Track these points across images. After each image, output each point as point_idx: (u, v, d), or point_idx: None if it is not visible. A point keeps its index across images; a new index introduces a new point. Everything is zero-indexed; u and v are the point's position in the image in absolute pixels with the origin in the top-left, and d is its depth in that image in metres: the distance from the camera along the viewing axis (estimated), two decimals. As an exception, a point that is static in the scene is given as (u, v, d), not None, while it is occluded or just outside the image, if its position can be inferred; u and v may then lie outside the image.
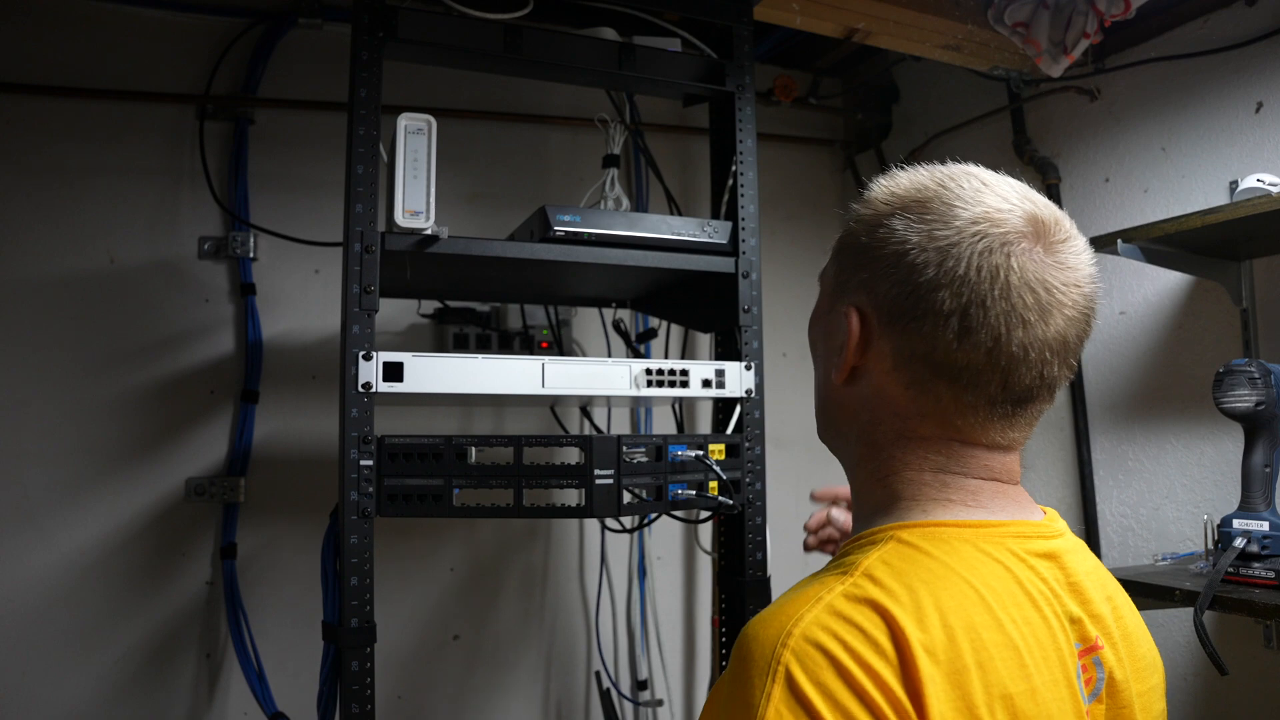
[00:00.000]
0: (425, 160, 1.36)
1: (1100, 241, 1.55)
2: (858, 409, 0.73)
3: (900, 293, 0.67)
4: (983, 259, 0.64)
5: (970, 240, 0.65)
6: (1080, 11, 1.66)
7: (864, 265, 0.71)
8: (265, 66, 2.03)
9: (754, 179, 1.61)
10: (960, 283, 0.64)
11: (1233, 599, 1.24)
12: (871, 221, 0.72)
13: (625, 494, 1.40)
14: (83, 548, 1.85)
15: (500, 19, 1.47)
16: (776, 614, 0.61)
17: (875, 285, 0.69)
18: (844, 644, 0.57)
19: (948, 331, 0.65)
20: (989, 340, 0.64)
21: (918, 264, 0.66)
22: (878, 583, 0.61)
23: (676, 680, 2.29)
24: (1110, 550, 1.86)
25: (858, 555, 0.65)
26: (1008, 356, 0.65)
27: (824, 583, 0.62)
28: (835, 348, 0.74)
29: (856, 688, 0.55)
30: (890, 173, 0.75)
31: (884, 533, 0.67)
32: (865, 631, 0.57)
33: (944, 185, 0.69)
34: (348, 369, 1.32)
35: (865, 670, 0.56)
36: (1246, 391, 1.29)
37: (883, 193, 0.73)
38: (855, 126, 2.56)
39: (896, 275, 0.67)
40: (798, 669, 0.56)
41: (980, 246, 0.64)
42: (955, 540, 0.66)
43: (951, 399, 0.67)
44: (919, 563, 0.63)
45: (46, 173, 1.89)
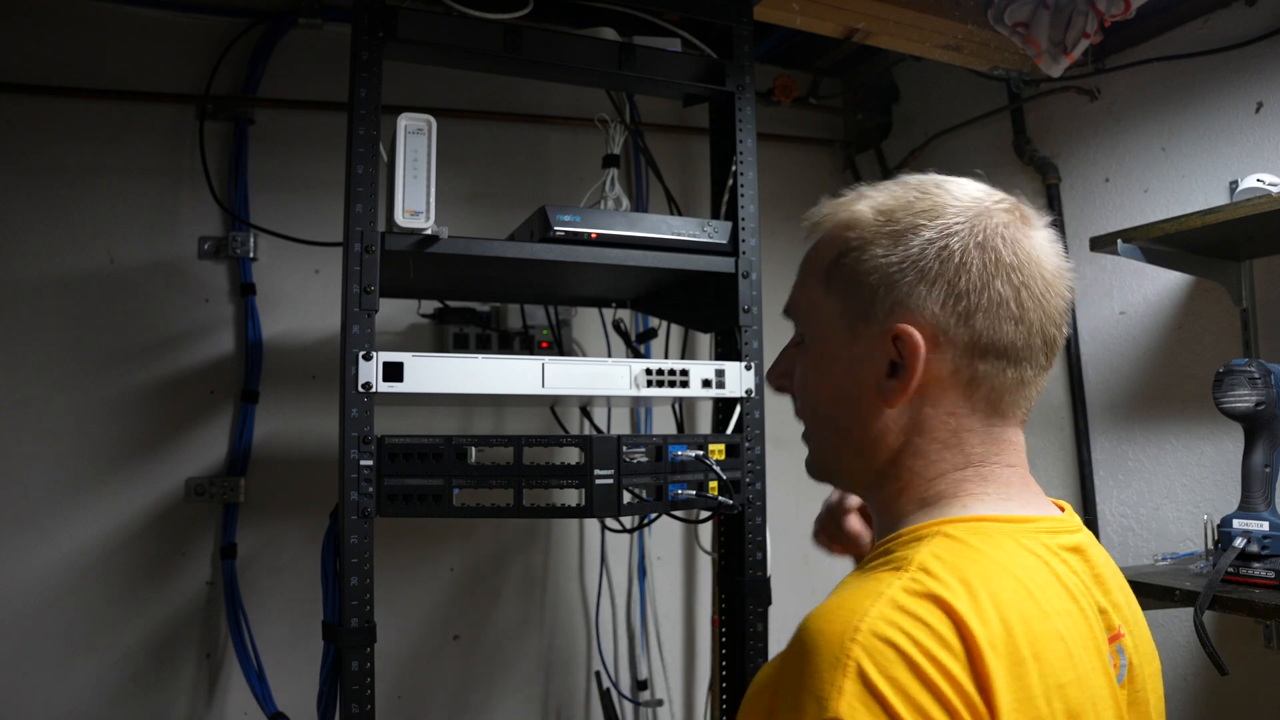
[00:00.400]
0: (425, 160, 1.36)
1: (1100, 241, 1.56)
2: (900, 428, 0.72)
3: (957, 293, 0.69)
4: (1016, 243, 0.70)
5: (996, 228, 0.70)
6: (1080, 11, 1.66)
7: (896, 282, 0.70)
8: (265, 66, 2.03)
9: (754, 179, 1.61)
10: (1010, 269, 0.70)
11: (1233, 599, 1.24)
12: (887, 238, 0.71)
13: (625, 494, 1.40)
14: (83, 548, 1.85)
15: (500, 19, 1.47)
16: (838, 609, 0.60)
17: (919, 296, 0.69)
18: (913, 639, 0.57)
19: (1008, 317, 0.69)
20: (1038, 316, 0.70)
21: (966, 262, 0.69)
22: (935, 577, 0.61)
23: (676, 680, 2.29)
24: (1110, 550, 1.86)
25: (906, 551, 0.65)
26: (1048, 326, 0.72)
27: (879, 578, 0.62)
28: (873, 378, 0.71)
29: (929, 683, 0.56)
30: (848, 195, 0.76)
31: (929, 528, 0.67)
32: (932, 627, 0.58)
33: (930, 189, 0.73)
34: (348, 369, 1.32)
35: (936, 666, 0.56)
36: (1246, 391, 1.29)
37: (873, 211, 0.72)
38: (855, 126, 2.55)
39: (946, 278, 0.69)
40: (869, 664, 0.56)
41: (1008, 234, 0.70)
42: (998, 535, 0.67)
43: (1014, 380, 0.71)
44: (969, 556, 0.64)
45: (46, 173, 1.89)
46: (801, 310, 0.77)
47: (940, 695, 0.56)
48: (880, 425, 0.72)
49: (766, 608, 1.58)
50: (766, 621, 1.57)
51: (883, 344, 0.70)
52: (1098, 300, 1.90)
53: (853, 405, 0.73)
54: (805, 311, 0.77)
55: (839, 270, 0.73)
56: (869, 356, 0.71)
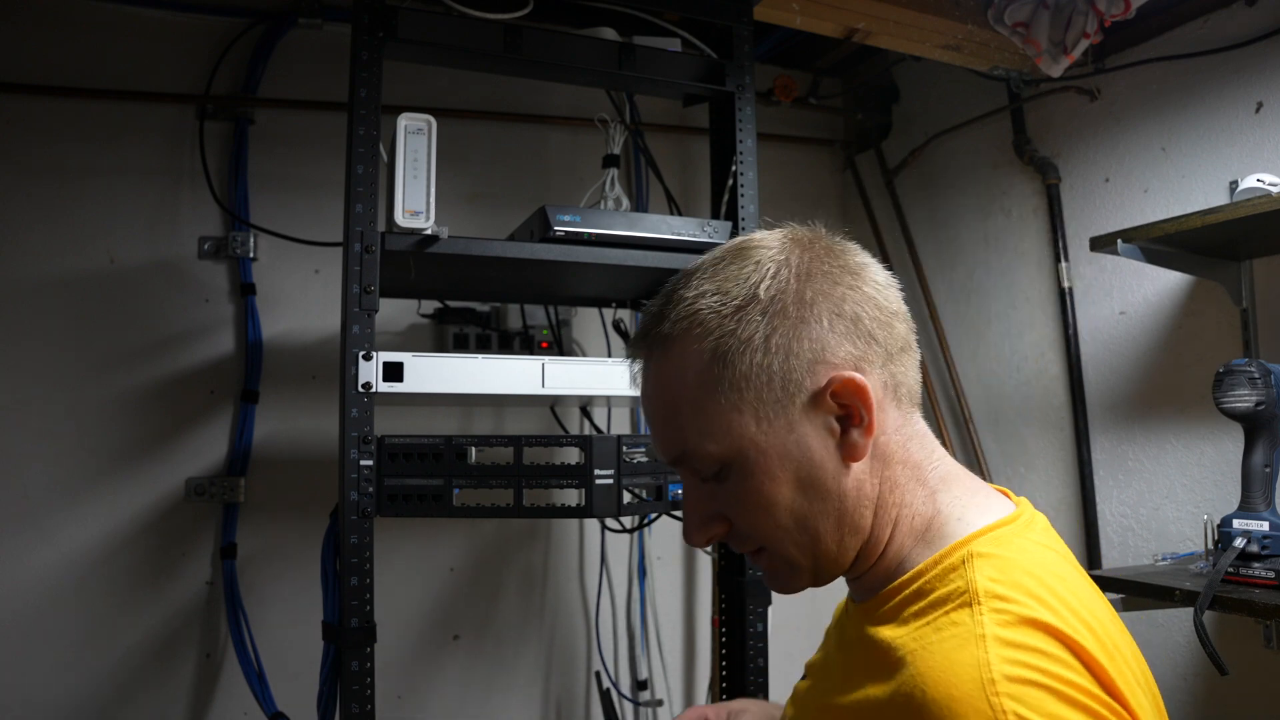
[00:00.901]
0: (425, 160, 1.36)
1: (1100, 241, 1.55)
2: (870, 474, 0.68)
3: (841, 315, 0.67)
4: (830, 250, 0.70)
5: (811, 243, 0.70)
6: (1080, 11, 1.66)
7: (791, 346, 0.66)
8: (265, 66, 2.03)
9: (754, 179, 1.61)
10: (853, 272, 0.70)
11: (1233, 599, 1.24)
12: (740, 314, 0.66)
13: (625, 494, 1.41)
14: (83, 548, 1.85)
15: (500, 19, 1.47)
16: (951, 669, 0.57)
17: (820, 343, 0.66)
18: (1043, 671, 0.56)
19: (886, 314, 0.69)
20: (895, 301, 0.71)
21: (858, 313, 0.68)
22: (1012, 600, 0.60)
23: (676, 680, 2.29)
24: (1110, 550, 1.86)
25: (955, 583, 0.63)
26: (901, 305, 0.72)
27: (958, 621, 0.60)
28: (828, 448, 0.67)
29: (1080, 705, 0.56)
30: (654, 313, 0.70)
31: (953, 554, 0.65)
32: (1048, 652, 0.57)
33: (724, 254, 0.71)
34: (348, 369, 1.32)
35: (1075, 687, 0.56)
36: (1246, 391, 1.29)
37: (700, 302, 0.67)
38: (855, 126, 2.55)
39: (847, 330, 0.67)
40: (1026, 710, 0.54)
41: (820, 246, 0.71)
42: (1012, 538, 0.67)
43: (915, 370, 0.72)
44: (1016, 569, 0.63)
45: (46, 173, 1.89)
46: (706, 444, 0.67)
47: (1094, 713, 0.56)
48: (854, 485, 0.68)
49: (766, 608, 1.58)
50: (766, 621, 1.57)
51: (819, 410, 0.66)
52: (1098, 300, 1.90)
53: (821, 488, 0.67)
54: (714, 440, 0.67)
55: (725, 376, 0.66)
56: (813, 431, 0.66)
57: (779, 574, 0.72)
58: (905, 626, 0.64)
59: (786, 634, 2.36)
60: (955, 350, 2.24)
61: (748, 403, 0.66)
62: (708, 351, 0.66)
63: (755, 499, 0.68)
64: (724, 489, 0.69)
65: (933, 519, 0.69)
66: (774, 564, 0.71)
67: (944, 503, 0.70)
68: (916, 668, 0.59)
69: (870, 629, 0.67)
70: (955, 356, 2.24)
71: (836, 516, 0.68)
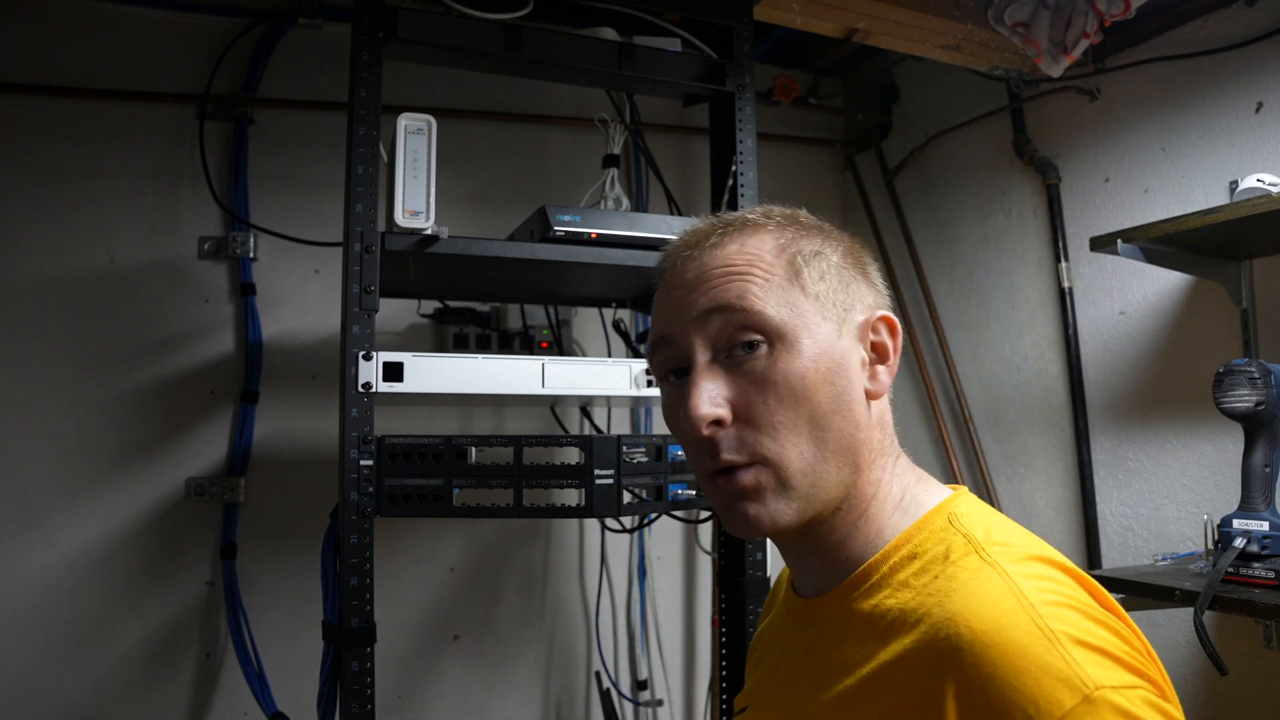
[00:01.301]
0: (425, 160, 1.36)
1: (1100, 241, 1.55)
2: (873, 424, 0.70)
3: (865, 275, 0.74)
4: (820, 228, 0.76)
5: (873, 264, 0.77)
6: (1080, 11, 1.66)
7: (850, 273, 0.72)
8: (265, 66, 2.03)
9: (754, 179, 1.61)
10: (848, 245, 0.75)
11: (1233, 599, 1.24)
12: (819, 236, 0.73)
13: (625, 494, 1.40)
14: (83, 548, 1.85)
15: (500, 19, 1.47)
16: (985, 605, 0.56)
17: (873, 300, 0.73)
18: (1067, 595, 0.58)
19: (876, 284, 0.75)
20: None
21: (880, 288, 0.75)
22: (1009, 544, 0.63)
23: (676, 680, 2.29)
24: (1110, 550, 1.86)
25: (944, 544, 0.64)
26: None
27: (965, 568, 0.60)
28: (858, 373, 0.68)
29: (1104, 624, 0.56)
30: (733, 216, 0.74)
31: (935, 518, 0.67)
32: (1062, 580, 0.59)
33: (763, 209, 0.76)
34: (348, 369, 1.32)
35: (1095, 609, 0.58)
36: (1246, 391, 1.29)
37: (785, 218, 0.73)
38: (855, 126, 2.56)
39: (880, 292, 0.74)
40: (1071, 628, 0.54)
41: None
42: (976, 503, 0.70)
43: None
44: (996, 523, 0.66)
45: (46, 173, 1.89)
46: (767, 307, 0.66)
47: (1119, 632, 0.57)
48: (866, 421, 0.68)
49: (766, 608, 1.57)
50: (766, 621, 1.57)
51: (861, 339, 0.70)
52: (1098, 300, 1.90)
53: (845, 401, 0.67)
54: (775, 307, 0.66)
55: (802, 266, 0.68)
56: (853, 351, 0.69)
57: (764, 492, 0.65)
58: (907, 590, 0.62)
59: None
60: (955, 350, 2.24)
61: (815, 294, 0.68)
62: (791, 243, 0.70)
63: (788, 383, 0.65)
64: (750, 366, 0.66)
65: (905, 491, 0.71)
66: (761, 482, 0.65)
67: (908, 477, 0.72)
68: (945, 612, 0.57)
69: (859, 604, 0.65)
70: (955, 356, 2.24)
71: (848, 439, 0.67)
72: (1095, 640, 0.54)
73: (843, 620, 0.66)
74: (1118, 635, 0.56)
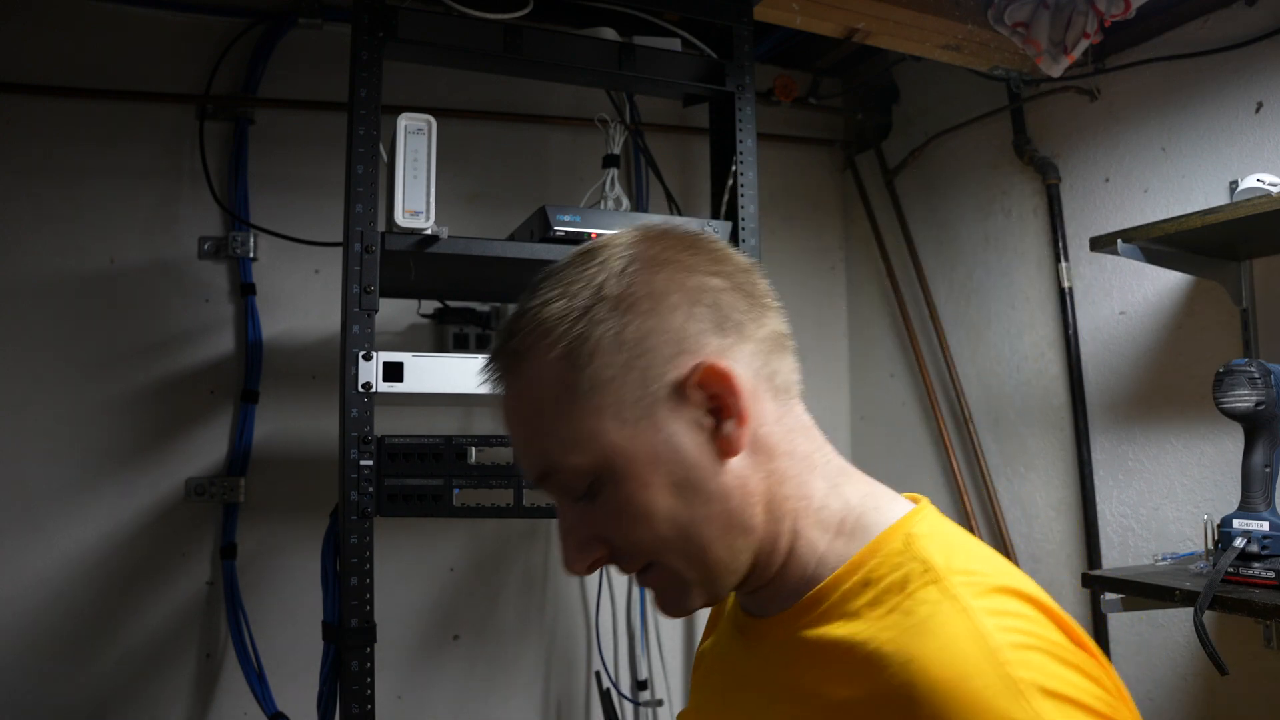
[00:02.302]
0: (425, 160, 1.36)
1: (1100, 241, 1.55)
2: (754, 468, 0.63)
3: (725, 328, 0.63)
4: (754, 277, 0.68)
5: (668, 234, 0.68)
6: (1080, 11, 1.66)
7: (649, 339, 0.61)
8: (265, 66, 2.03)
9: (754, 179, 1.61)
10: (762, 305, 0.67)
11: (1233, 599, 1.24)
12: (588, 311, 0.62)
13: (625, 494, 1.40)
14: (83, 547, 1.85)
15: (500, 19, 1.47)
16: (947, 649, 0.53)
17: (680, 332, 0.62)
18: (1035, 635, 0.54)
19: (783, 349, 0.67)
20: (762, 289, 0.68)
21: (719, 301, 0.64)
22: (973, 572, 0.58)
23: (676, 680, 2.29)
24: (1110, 550, 1.86)
25: (902, 570, 0.59)
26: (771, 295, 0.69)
27: (925, 600, 0.56)
28: (700, 445, 0.61)
29: (1073, 665, 0.53)
30: (505, 328, 0.65)
31: (891, 540, 0.62)
32: (1029, 616, 0.56)
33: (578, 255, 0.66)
34: (348, 369, 1.32)
35: (1062, 648, 0.54)
36: (1246, 391, 1.29)
37: (548, 307, 0.62)
38: (855, 126, 2.56)
39: (708, 318, 0.63)
40: (1038, 675, 0.51)
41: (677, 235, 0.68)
42: (939, 521, 0.65)
43: (793, 359, 0.68)
44: (959, 544, 0.62)
45: (46, 173, 1.89)
46: (571, 457, 0.62)
47: (1084, 671, 0.54)
48: (736, 482, 0.62)
49: (766, 608, 1.57)
50: (766, 621, 1.57)
51: (686, 404, 0.61)
52: (1098, 300, 1.90)
53: (700, 490, 0.61)
54: (578, 451, 0.61)
55: (580, 382, 0.61)
56: (683, 427, 0.61)
57: (669, 593, 0.65)
58: (860, 620, 0.58)
59: (786, 634, 2.36)
60: (955, 350, 2.24)
61: (608, 406, 0.61)
62: (560, 359, 0.61)
63: (631, 511, 0.61)
64: (598, 506, 0.63)
65: (846, 512, 0.65)
66: (662, 581, 0.64)
67: (851, 495, 0.66)
68: (903, 654, 0.54)
69: (808, 632, 0.61)
70: (955, 356, 2.24)
71: (722, 519, 0.62)
72: (1064, 689, 0.51)
73: (793, 646, 0.63)
74: (1088, 678, 0.53)
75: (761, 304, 0.66)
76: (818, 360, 2.56)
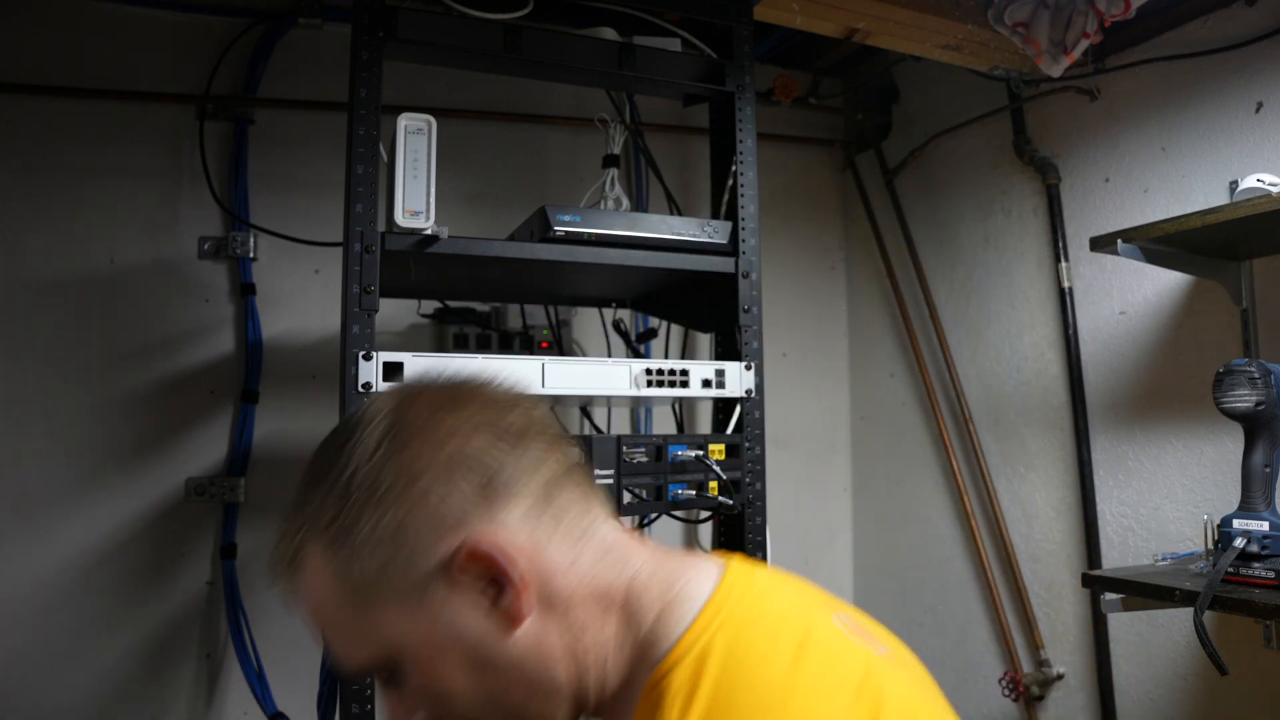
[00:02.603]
0: (425, 160, 1.36)
1: (1100, 241, 1.55)
2: (550, 627, 0.62)
3: (488, 489, 0.61)
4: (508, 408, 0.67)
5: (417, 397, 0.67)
6: (1080, 11, 1.66)
7: (410, 523, 0.60)
8: (265, 66, 2.03)
9: (754, 179, 1.61)
10: (521, 436, 0.65)
11: (1233, 599, 1.24)
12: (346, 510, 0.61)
13: (625, 494, 1.40)
14: (83, 548, 1.85)
15: (500, 19, 1.47)
16: None
17: (440, 510, 0.60)
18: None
19: (555, 463, 0.66)
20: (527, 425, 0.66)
21: (479, 460, 0.62)
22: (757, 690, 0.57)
23: (676, 680, 2.28)
24: (1110, 550, 1.86)
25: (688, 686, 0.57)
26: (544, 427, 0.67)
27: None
28: (483, 620, 0.60)
29: None
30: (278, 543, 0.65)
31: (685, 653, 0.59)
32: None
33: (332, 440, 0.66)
34: (348, 369, 1.32)
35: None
36: (1246, 391, 1.29)
37: (307, 512, 0.63)
38: (855, 126, 2.56)
39: (468, 485, 0.61)
40: None
41: (431, 394, 0.67)
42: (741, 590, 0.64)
43: (582, 491, 0.66)
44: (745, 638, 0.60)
45: (46, 173, 1.89)
46: (363, 655, 0.62)
47: None
48: (531, 648, 0.61)
49: (766, 608, 1.57)
50: (766, 621, 1.57)
51: (461, 585, 0.60)
52: (1098, 300, 1.90)
53: (494, 664, 0.61)
54: (367, 648, 0.62)
55: (350, 584, 0.60)
56: (464, 607, 0.60)
57: None
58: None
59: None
60: (955, 350, 2.24)
61: (384, 602, 0.60)
62: (326, 565, 0.61)
63: (434, 692, 0.61)
64: (406, 691, 0.63)
65: (639, 633, 0.63)
66: None
67: (645, 618, 0.63)
68: None
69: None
70: (955, 356, 2.24)
71: (524, 686, 0.61)
72: None
73: None
74: None
75: (535, 444, 0.64)
76: (818, 360, 2.56)
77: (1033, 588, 2.03)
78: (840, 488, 2.57)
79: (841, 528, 2.55)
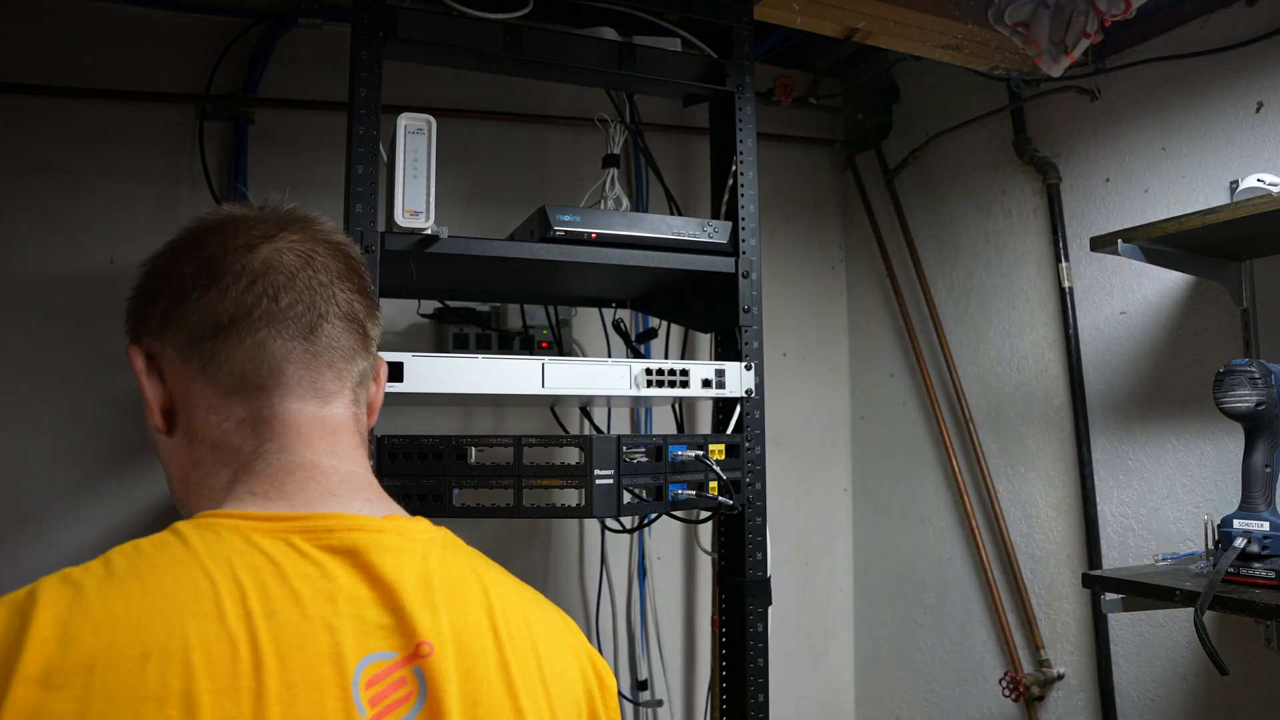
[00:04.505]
0: (425, 160, 1.36)
1: (1100, 241, 1.56)
2: (180, 454, 0.72)
3: (167, 309, 0.72)
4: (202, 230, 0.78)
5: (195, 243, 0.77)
6: (1080, 11, 1.66)
7: (139, 305, 0.75)
8: (265, 66, 2.03)
9: (754, 179, 1.61)
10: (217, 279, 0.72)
11: (1233, 599, 1.24)
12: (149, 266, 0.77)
13: (625, 494, 1.40)
14: (83, 548, 1.85)
15: (500, 19, 1.47)
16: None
17: (145, 318, 0.74)
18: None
19: (237, 328, 0.69)
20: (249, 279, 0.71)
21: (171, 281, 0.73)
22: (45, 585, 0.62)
23: (676, 680, 2.29)
24: (1110, 550, 1.86)
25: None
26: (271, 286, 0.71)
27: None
28: (154, 407, 0.72)
29: None
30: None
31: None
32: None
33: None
34: (348, 369, 1.32)
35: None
36: (1247, 391, 1.29)
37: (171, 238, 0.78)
38: (855, 126, 2.56)
39: (157, 298, 0.74)
40: None
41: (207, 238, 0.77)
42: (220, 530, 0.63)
43: (257, 348, 0.68)
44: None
45: (46, 173, 1.89)
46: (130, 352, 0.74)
47: None
48: (168, 454, 0.73)
49: (766, 608, 1.57)
50: (766, 621, 1.57)
51: (148, 374, 0.71)
52: (1098, 300, 1.90)
53: (158, 446, 0.75)
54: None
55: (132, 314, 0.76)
56: (149, 388, 0.72)
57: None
58: None
59: (786, 634, 2.36)
60: (955, 350, 2.24)
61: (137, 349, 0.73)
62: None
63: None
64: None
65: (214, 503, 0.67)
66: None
67: (229, 493, 0.66)
68: None
69: None
70: (955, 356, 2.24)
71: (168, 474, 0.75)
72: None
73: None
74: None
75: (232, 285, 0.69)
76: (818, 360, 2.57)
77: (1033, 588, 2.03)
78: (840, 488, 2.57)
79: (841, 528, 2.55)
